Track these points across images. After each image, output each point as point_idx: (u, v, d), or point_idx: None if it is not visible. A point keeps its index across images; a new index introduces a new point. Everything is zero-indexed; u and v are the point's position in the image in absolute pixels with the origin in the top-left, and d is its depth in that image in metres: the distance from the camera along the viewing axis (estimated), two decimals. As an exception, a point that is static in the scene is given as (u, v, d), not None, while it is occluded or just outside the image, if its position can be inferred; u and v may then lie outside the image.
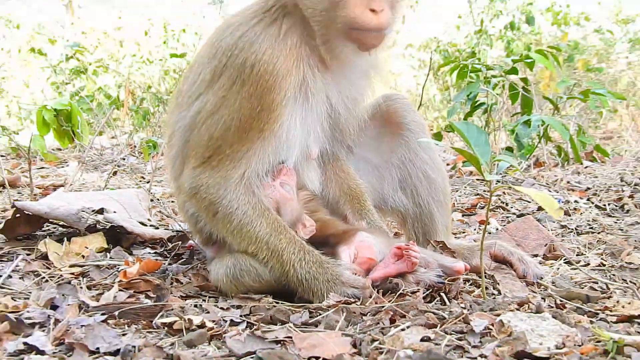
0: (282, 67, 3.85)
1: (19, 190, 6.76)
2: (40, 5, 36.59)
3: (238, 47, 3.92)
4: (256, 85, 3.84)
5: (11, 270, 4.18)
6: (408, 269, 3.85)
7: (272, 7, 4.01)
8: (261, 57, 3.84)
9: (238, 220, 3.87)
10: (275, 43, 3.89)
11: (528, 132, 7.99)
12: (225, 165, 3.88)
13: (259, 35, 3.91)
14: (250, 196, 3.89)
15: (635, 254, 4.64)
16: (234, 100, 3.87)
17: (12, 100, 16.84)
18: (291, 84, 3.86)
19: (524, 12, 16.73)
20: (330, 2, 3.83)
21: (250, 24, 3.98)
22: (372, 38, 3.83)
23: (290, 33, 3.92)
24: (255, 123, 3.84)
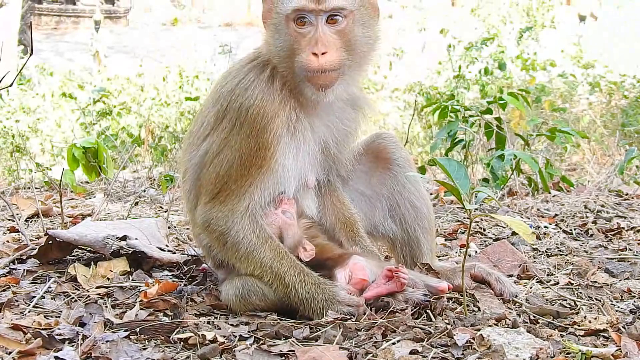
0: (271, 110, 3.87)
1: (51, 219, 6.73)
2: (71, 55, 36.76)
3: (235, 92, 3.95)
4: (251, 126, 3.86)
5: (44, 291, 4.16)
6: (398, 288, 3.84)
7: (260, 58, 4.05)
8: (253, 101, 3.88)
9: (244, 248, 3.87)
10: (265, 88, 3.92)
11: (502, 165, 7.98)
12: (231, 200, 3.89)
13: (253, 81, 3.95)
14: (255, 226, 3.89)
15: (600, 274, 4.63)
16: (235, 141, 3.90)
17: (45, 138, 16.86)
18: (280, 124, 3.87)
19: (496, 59, 16.81)
20: (287, 52, 3.88)
21: (245, 71, 4.03)
22: (319, 79, 3.83)
23: (276, 79, 3.95)
24: (254, 160, 3.86)
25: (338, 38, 3.86)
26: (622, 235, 5.89)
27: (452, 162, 3.73)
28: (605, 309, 3.85)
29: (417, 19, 40.12)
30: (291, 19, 3.89)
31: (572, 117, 16.14)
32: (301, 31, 3.87)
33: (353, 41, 3.92)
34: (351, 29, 3.91)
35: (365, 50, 4.01)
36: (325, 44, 3.80)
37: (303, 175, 4.07)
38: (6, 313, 3.75)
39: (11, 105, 17.89)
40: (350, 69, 3.94)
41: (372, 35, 4.02)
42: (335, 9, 3.85)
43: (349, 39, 3.89)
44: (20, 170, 12.10)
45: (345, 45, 3.88)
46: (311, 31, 3.84)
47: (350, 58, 3.90)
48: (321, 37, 3.82)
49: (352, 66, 3.95)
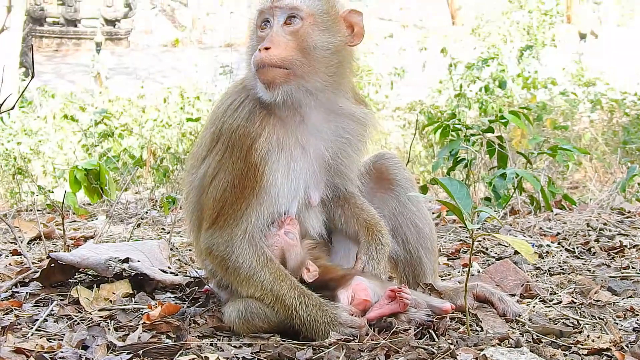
0: (253, 130, 3.90)
1: (53, 241, 6.74)
2: (72, 76, 36.85)
3: (227, 114, 4.00)
4: (239, 148, 3.89)
5: (47, 314, 4.17)
6: (401, 309, 3.84)
7: (244, 81, 4.12)
8: (240, 122, 3.92)
9: (245, 272, 3.89)
10: (251, 108, 3.96)
11: (504, 184, 7.99)
12: (229, 224, 3.91)
13: (241, 102, 3.99)
14: (254, 249, 3.91)
15: (603, 292, 4.64)
16: (227, 164, 3.93)
17: (47, 161, 16.88)
18: (263, 143, 3.89)
19: (497, 78, 16.85)
20: (248, 57, 4.00)
21: (236, 92, 4.09)
22: (263, 74, 3.86)
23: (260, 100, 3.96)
24: (246, 182, 3.88)
25: (292, 39, 3.90)
26: (625, 253, 5.89)
27: (454, 182, 3.74)
28: (609, 327, 3.85)
29: (418, 38, 40.24)
30: (257, 24, 4.00)
31: (573, 135, 16.16)
32: (262, 34, 3.96)
33: (309, 44, 3.93)
34: (307, 32, 3.93)
35: (326, 56, 3.98)
36: (273, 41, 3.86)
37: (303, 194, 4.07)
38: (9, 336, 3.75)
39: (13, 128, 17.92)
40: (306, 72, 3.92)
41: (334, 42, 4.00)
42: (291, 8, 3.93)
43: (303, 40, 3.92)
44: (22, 193, 12.12)
45: (299, 47, 3.90)
46: (269, 32, 3.92)
47: (304, 60, 3.91)
48: (272, 35, 3.89)
49: (309, 69, 3.93)
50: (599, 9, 42.48)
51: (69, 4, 44.27)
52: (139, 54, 43.23)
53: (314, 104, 4.00)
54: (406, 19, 44.77)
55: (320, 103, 4.04)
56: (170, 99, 19.76)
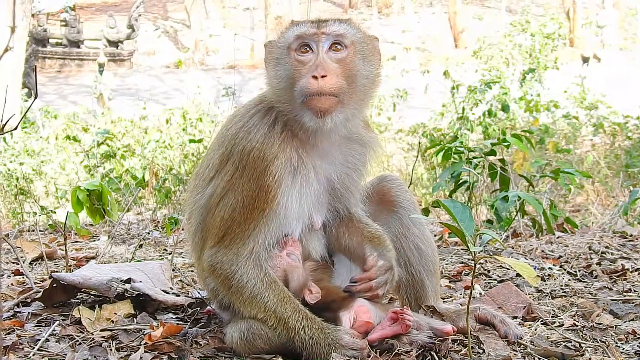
0: (271, 152, 3.90)
1: (55, 262, 6.75)
2: (75, 97, 36.99)
3: (239, 136, 3.99)
4: (253, 169, 3.89)
5: (48, 334, 4.17)
6: (403, 330, 3.85)
7: (265, 101, 4.10)
8: (255, 144, 3.92)
9: (249, 292, 3.89)
10: (266, 131, 3.95)
11: (506, 207, 8.00)
12: (235, 243, 3.92)
13: (255, 125, 3.99)
14: (259, 270, 3.91)
15: (604, 315, 4.64)
16: (238, 185, 3.92)
17: (49, 181, 16.90)
18: (280, 166, 3.89)
19: (499, 101, 16.89)
20: (288, 82, 3.93)
21: (249, 115, 4.07)
22: (318, 102, 3.83)
23: (278, 122, 3.98)
24: (256, 203, 3.88)
25: (339, 66, 3.91)
26: (627, 276, 5.90)
27: (457, 204, 3.75)
28: (610, 350, 3.85)
29: (421, 61, 40.40)
30: (293, 48, 3.96)
31: (576, 158, 16.19)
32: (302, 58, 3.94)
33: (354, 72, 3.96)
34: (352, 60, 3.97)
35: (365, 85, 4.04)
36: (326, 68, 3.85)
37: (308, 217, 4.09)
38: (11, 356, 3.76)
39: (15, 148, 17.97)
40: (349, 100, 3.95)
41: (372, 71, 4.06)
42: (337, 35, 3.94)
43: (349, 69, 3.94)
44: (25, 213, 12.14)
45: (345, 74, 3.92)
46: (312, 58, 3.91)
47: (349, 89, 3.93)
48: (322, 61, 3.88)
49: (351, 97, 3.95)
50: (601, 33, 42.69)
51: (71, 25, 44.53)
52: (142, 75, 43.41)
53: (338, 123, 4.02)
54: (409, 42, 44.96)
55: (339, 129, 4.07)
56: (172, 120, 19.81)
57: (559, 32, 26.72)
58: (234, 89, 20.02)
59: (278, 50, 4.04)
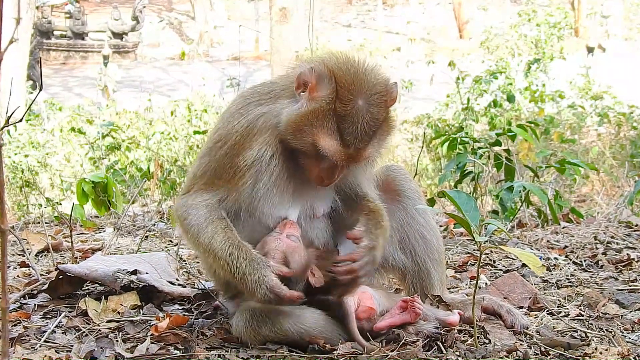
0: (253, 140, 3.95)
1: (61, 253, 6.76)
2: (80, 89, 37.00)
3: (234, 117, 4.05)
4: (232, 148, 3.96)
5: (55, 325, 4.18)
6: (412, 319, 3.85)
7: (271, 91, 4.09)
8: (239, 129, 3.97)
9: (195, 230, 4.00)
10: (254, 120, 3.98)
11: (511, 197, 7.99)
12: (198, 194, 4.06)
13: (250, 111, 4.02)
14: (206, 211, 4.01)
15: (610, 305, 4.63)
16: (216, 153, 4.03)
17: (55, 173, 16.93)
18: (251, 158, 3.94)
19: (504, 91, 16.86)
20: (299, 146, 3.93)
21: (250, 100, 4.09)
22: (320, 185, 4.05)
23: (274, 113, 4.00)
24: (224, 175, 3.99)
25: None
26: (633, 266, 5.89)
27: (462, 194, 3.75)
28: (616, 340, 3.85)
29: (426, 51, 40.33)
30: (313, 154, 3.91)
31: (581, 149, 16.18)
32: (322, 166, 3.95)
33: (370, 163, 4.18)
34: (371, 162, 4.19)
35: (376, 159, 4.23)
36: (336, 178, 4.00)
37: (309, 205, 4.12)
38: (17, 348, 3.77)
39: (20, 141, 17.98)
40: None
41: (385, 147, 4.12)
42: (365, 158, 3.97)
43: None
44: (30, 205, 12.16)
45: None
46: (332, 168, 3.93)
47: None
48: (337, 177, 3.99)
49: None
50: (606, 23, 42.58)
51: (76, 17, 44.50)
52: (146, 67, 43.40)
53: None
54: (414, 33, 44.87)
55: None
56: (177, 112, 19.81)
57: (565, 21, 26.66)
58: (238, 80, 19.96)
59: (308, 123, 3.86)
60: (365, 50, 30.08)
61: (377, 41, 39.21)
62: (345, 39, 39.56)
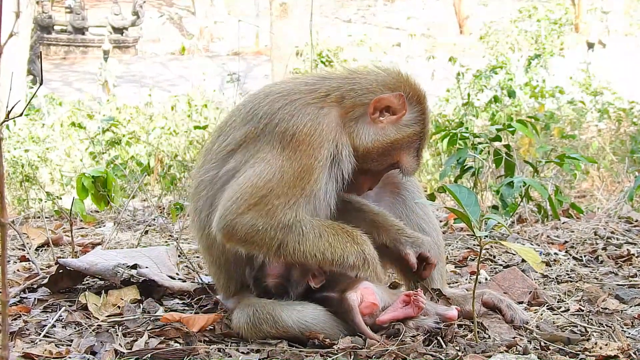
0: (318, 140, 3.83)
1: (61, 248, 6.76)
2: (80, 84, 36.98)
3: (277, 116, 3.89)
4: (294, 151, 3.80)
5: (55, 320, 4.19)
6: (414, 313, 3.85)
7: (313, 92, 3.99)
8: (302, 128, 3.82)
9: (306, 250, 3.84)
10: (314, 119, 3.86)
11: (511, 192, 7.98)
12: (276, 213, 3.79)
13: (300, 110, 3.88)
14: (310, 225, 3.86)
15: (610, 300, 4.64)
16: (275, 161, 3.82)
17: (55, 168, 16.90)
18: (325, 156, 3.84)
19: (505, 87, 16.85)
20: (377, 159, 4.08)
21: (290, 99, 3.95)
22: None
23: (329, 114, 3.92)
24: (297, 182, 3.79)
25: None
26: (633, 261, 5.89)
27: (462, 189, 3.75)
28: (616, 335, 3.85)
29: (426, 47, 40.29)
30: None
31: (581, 144, 16.14)
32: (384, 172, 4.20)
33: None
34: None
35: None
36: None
37: (330, 207, 4.04)
38: (17, 342, 3.77)
39: (20, 135, 17.96)
40: None
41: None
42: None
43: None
44: (30, 200, 12.14)
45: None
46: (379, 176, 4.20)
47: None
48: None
49: None
50: (606, 18, 42.52)
51: (76, 12, 44.45)
52: (147, 62, 43.35)
53: None
54: (414, 28, 44.83)
55: None
56: (177, 107, 19.79)
57: (565, 17, 26.65)
58: (238, 75, 19.99)
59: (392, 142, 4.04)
60: (365, 45, 30.02)
61: (377, 37, 39.21)
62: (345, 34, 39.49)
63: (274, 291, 4.00)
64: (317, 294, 3.97)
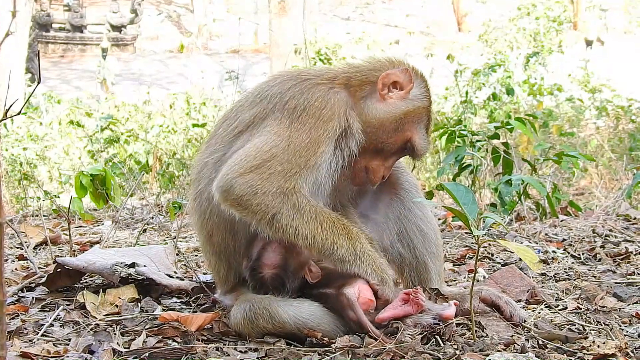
0: (328, 114, 3.87)
1: (59, 246, 6.76)
2: (78, 82, 36.96)
3: (287, 94, 3.94)
4: (304, 124, 3.84)
5: (53, 319, 4.18)
6: (414, 311, 3.84)
7: (322, 75, 4.07)
8: (313, 102, 3.88)
9: (293, 229, 3.81)
10: (325, 95, 3.92)
11: (509, 190, 8.00)
12: (277, 179, 3.80)
13: (310, 88, 3.95)
14: (305, 203, 3.84)
15: (608, 298, 4.64)
16: (282, 132, 3.86)
17: (53, 166, 16.91)
18: (334, 129, 3.87)
19: (503, 84, 16.84)
20: (385, 137, 4.09)
21: (300, 79, 4.03)
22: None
23: (340, 93, 3.98)
24: (302, 152, 3.82)
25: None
26: (631, 259, 5.89)
27: (460, 187, 3.75)
28: (614, 333, 3.85)
29: (424, 45, 40.29)
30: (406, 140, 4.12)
31: (579, 142, 16.17)
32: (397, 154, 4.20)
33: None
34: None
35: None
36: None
37: (332, 182, 4.05)
38: (15, 341, 3.76)
39: (19, 133, 17.97)
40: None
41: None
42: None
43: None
44: (28, 198, 12.16)
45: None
46: (392, 164, 4.23)
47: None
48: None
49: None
50: (605, 16, 42.53)
51: (75, 10, 44.44)
52: (145, 60, 43.36)
53: None
54: (412, 26, 44.83)
55: None
56: (176, 105, 19.80)
57: (564, 15, 26.65)
58: (237, 73, 19.94)
59: (403, 117, 4.07)
60: (364, 43, 30.00)
61: (376, 34, 39.21)
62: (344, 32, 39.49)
63: (269, 282, 3.96)
64: (314, 291, 3.96)
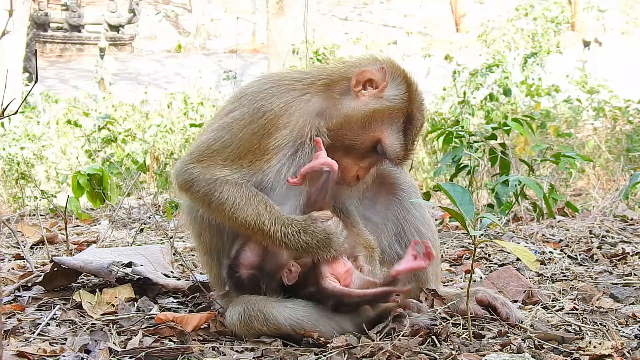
0: (284, 122, 3.90)
1: (56, 246, 6.75)
2: (76, 82, 36.93)
3: (260, 96, 3.99)
4: (260, 128, 3.90)
5: (49, 318, 4.18)
6: (425, 264, 3.88)
7: (303, 79, 4.07)
8: (274, 108, 3.91)
9: (229, 209, 3.86)
10: (290, 102, 3.95)
11: (506, 191, 8.00)
12: (214, 168, 3.92)
13: (282, 93, 3.98)
14: (237, 188, 3.90)
15: (605, 299, 4.64)
16: (237, 130, 3.93)
17: (50, 166, 16.88)
18: (286, 138, 3.90)
19: (501, 85, 16.84)
20: (355, 137, 4.00)
21: (278, 82, 4.05)
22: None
23: (309, 101, 3.99)
24: (248, 155, 3.89)
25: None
26: (627, 260, 5.90)
27: (457, 188, 3.75)
28: (610, 334, 3.86)
29: (422, 45, 40.28)
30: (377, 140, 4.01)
31: (577, 143, 16.17)
32: (369, 156, 4.07)
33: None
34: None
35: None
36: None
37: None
38: (11, 340, 3.76)
39: (16, 133, 17.94)
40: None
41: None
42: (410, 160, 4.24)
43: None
44: (25, 198, 12.15)
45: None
46: (370, 167, 4.14)
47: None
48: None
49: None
50: (603, 17, 42.52)
51: (72, 9, 44.38)
52: (143, 59, 43.32)
53: None
54: (410, 26, 44.84)
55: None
56: (173, 105, 19.78)
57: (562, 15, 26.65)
58: (235, 73, 19.93)
59: (375, 114, 4.00)
60: (362, 43, 30.01)
61: (374, 34, 39.21)
62: (342, 32, 39.48)
63: (246, 283, 3.94)
64: (302, 292, 3.93)
